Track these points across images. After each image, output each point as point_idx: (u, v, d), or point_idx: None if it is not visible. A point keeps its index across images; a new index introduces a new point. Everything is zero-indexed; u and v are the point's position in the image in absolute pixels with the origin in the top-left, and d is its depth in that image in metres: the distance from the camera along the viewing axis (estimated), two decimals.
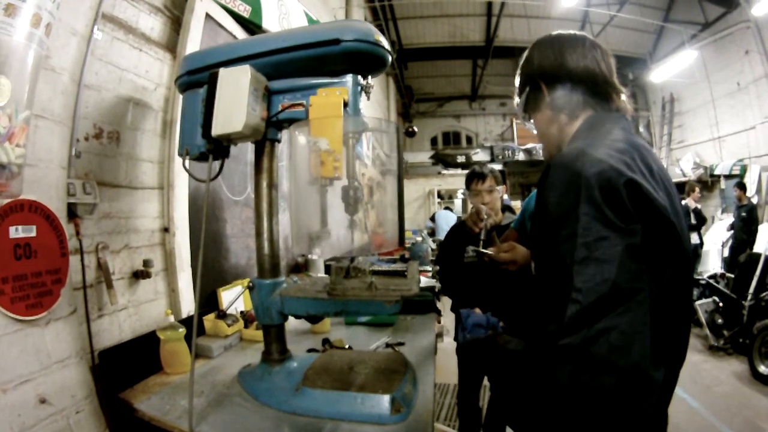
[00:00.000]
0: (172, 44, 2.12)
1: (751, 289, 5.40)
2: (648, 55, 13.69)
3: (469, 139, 18.17)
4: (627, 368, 0.78)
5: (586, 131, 1.10)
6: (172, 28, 2.14)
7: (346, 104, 1.42)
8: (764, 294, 5.42)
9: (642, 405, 0.79)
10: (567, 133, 1.17)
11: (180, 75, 1.60)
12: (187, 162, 1.55)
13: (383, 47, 1.47)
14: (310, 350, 1.96)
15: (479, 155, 15.58)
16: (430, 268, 2.00)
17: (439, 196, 15.09)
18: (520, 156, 15.20)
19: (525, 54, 1.29)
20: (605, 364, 0.78)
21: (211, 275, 2.26)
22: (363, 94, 1.52)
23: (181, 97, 1.65)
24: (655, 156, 1.06)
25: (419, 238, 6.58)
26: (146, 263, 1.85)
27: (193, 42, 2.14)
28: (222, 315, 1.97)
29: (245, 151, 2.64)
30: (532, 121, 1.31)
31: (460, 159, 15.74)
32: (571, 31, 1.25)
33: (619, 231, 0.82)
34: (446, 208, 13.06)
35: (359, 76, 1.50)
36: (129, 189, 1.85)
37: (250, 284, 1.53)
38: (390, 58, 1.52)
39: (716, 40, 11.33)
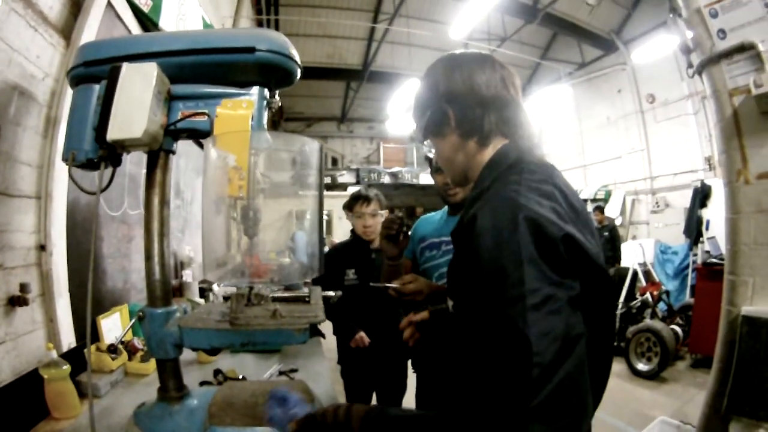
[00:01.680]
0: (67, 30, 1.88)
1: (621, 299, 6.36)
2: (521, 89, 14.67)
3: (334, 161, 18.04)
4: (577, 406, 0.80)
5: (503, 166, 1.05)
6: (71, 12, 1.90)
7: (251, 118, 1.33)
8: (633, 302, 6.31)
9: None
10: (477, 162, 1.11)
11: (75, 65, 1.38)
12: (70, 169, 1.34)
13: (296, 62, 1.41)
14: (203, 383, 1.80)
15: (345, 177, 15.77)
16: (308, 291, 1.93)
17: (298, 216, 14.89)
18: (386, 179, 15.67)
19: (427, 74, 1.19)
20: (565, 409, 0.79)
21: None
22: (267, 109, 1.44)
23: (69, 92, 1.44)
24: (572, 187, 1.04)
25: (287, 260, 6.40)
26: (23, 287, 1.59)
27: (90, 30, 1.92)
28: (113, 349, 1.72)
29: (123, 161, 2.38)
30: (427, 143, 1.23)
31: (326, 180, 15.80)
32: (475, 51, 1.20)
33: (561, 286, 0.82)
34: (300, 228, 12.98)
35: (266, 90, 1.42)
36: (5, 197, 1.59)
37: (140, 314, 1.35)
38: (299, 75, 1.45)
39: (590, 79, 12.47)
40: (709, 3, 2.37)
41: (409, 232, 1.85)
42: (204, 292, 3.26)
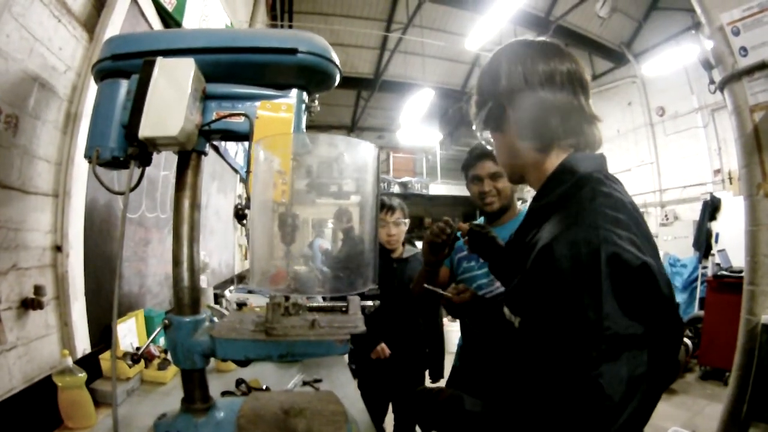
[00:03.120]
0: (91, 23, 1.82)
1: None
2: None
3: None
4: None
5: (570, 181, 1.00)
6: (94, 5, 1.84)
7: None
8: None
9: None
10: (536, 168, 1.07)
11: (102, 59, 1.31)
12: (94, 167, 1.27)
13: (337, 66, 1.36)
14: (225, 393, 1.73)
15: (343, 188, 15.61)
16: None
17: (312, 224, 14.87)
18: (395, 189, 15.48)
19: (491, 62, 1.13)
20: None
21: (106, 305, 1.91)
22: (306, 113, 1.39)
23: (92, 88, 1.38)
24: (636, 204, 0.99)
25: (302, 267, 6.35)
26: (38, 290, 1.51)
27: (114, 25, 1.87)
28: (136, 358, 1.62)
29: None
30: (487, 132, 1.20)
31: (333, 189, 15.69)
32: (543, 40, 1.13)
33: (631, 327, 0.81)
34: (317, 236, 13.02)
35: (304, 93, 1.36)
36: (21, 193, 1.51)
37: (166, 321, 1.27)
38: (338, 80, 1.40)
39: (601, 91, 12.45)
40: (732, 21, 2.41)
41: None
42: (217, 299, 3.22)
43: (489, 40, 9.46)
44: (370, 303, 1.42)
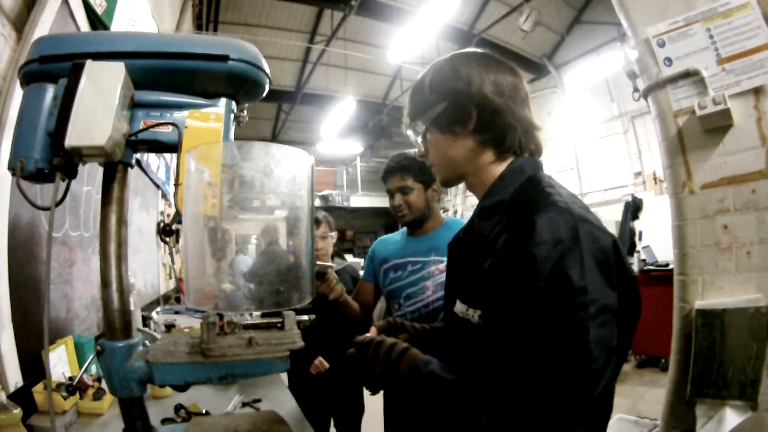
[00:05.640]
0: (20, 22, 1.71)
1: None
2: None
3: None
4: (608, 410, 0.94)
5: (519, 180, 1.06)
6: (26, 2, 1.74)
7: None
8: None
9: None
10: (486, 172, 1.10)
11: (29, 60, 1.19)
12: (19, 180, 1.14)
13: (268, 76, 1.33)
14: (165, 420, 1.64)
15: (272, 200, 15.57)
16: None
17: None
18: (316, 202, 15.51)
19: (455, 64, 1.11)
20: (600, 414, 0.91)
21: (33, 333, 1.76)
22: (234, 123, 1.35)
23: (17, 93, 1.25)
24: None
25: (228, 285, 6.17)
26: None
27: (44, 25, 1.76)
28: (72, 390, 1.47)
29: None
30: (414, 130, 1.18)
31: (256, 204, 15.65)
32: (503, 58, 1.17)
33: (610, 298, 0.87)
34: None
35: (233, 102, 1.32)
36: None
37: (98, 348, 1.16)
38: (267, 89, 1.37)
39: None
40: (658, 34, 2.55)
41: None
42: (145, 321, 3.08)
43: (412, 53, 9.62)
44: (305, 317, 1.36)
